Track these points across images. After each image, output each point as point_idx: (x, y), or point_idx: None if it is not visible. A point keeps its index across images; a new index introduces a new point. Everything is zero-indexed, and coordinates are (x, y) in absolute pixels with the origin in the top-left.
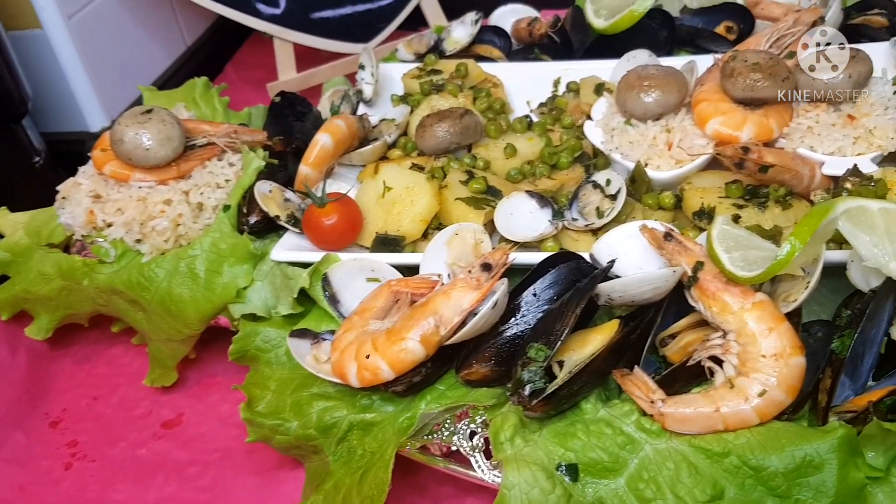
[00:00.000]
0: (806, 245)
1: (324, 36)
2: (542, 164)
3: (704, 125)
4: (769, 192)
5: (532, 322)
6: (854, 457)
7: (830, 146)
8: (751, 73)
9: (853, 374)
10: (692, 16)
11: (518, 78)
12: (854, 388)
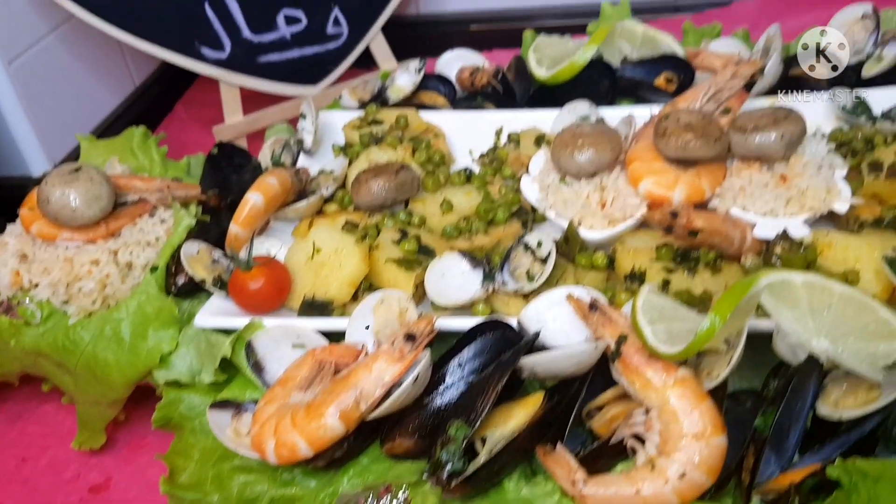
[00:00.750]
0: (726, 321)
1: (271, 79)
2: (478, 221)
3: (637, 185)
4: (699, 255)
5: (455, 395)
6: None
7: (763, 207)
8: (683, 134)
9: (778, 450)
10: (633, 66)
11: (460, 127)
12: (780, 464)
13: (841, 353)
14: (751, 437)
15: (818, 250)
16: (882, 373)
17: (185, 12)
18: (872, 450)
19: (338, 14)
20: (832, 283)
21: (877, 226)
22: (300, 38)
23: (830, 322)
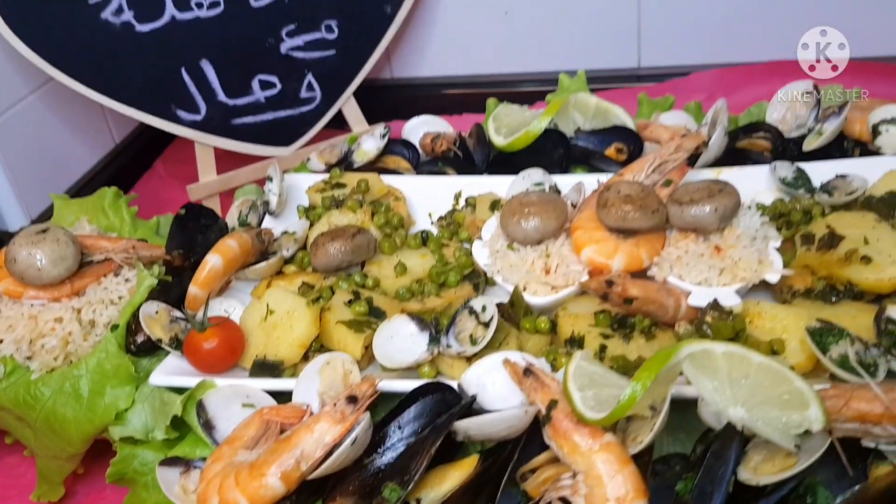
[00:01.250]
0: (648, 389)
1: (245, 140)
2: (430, 283)
3: (580, 252)
4: (635, 322)
5: (393, 456)
6: None
7: (697, 276)
8: (623, 205)
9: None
10: (586, 136)
11: (421, 190)
12: None
13: (756, 421)
14: (673, 501)
15: (748, 319)
16: (793, 441)
17: (163, 78)
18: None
19: (311, 80)
20: (751, 354)
21: (807, 296)
22: (274, 101)
23: (747, 391)
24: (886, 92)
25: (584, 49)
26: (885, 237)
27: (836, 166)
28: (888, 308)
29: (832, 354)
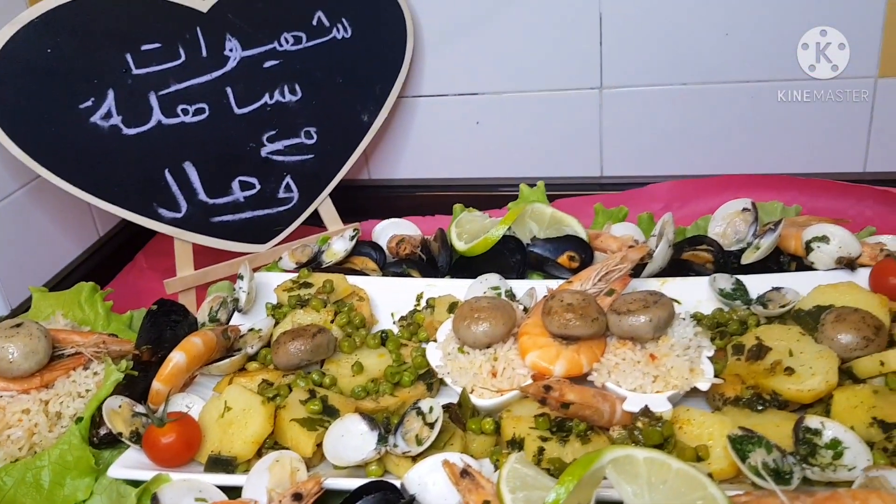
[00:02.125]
0: (571, 493)
1: (223, 238)
2: (385, 382)
3: (525, 357)
4: (572, 426)
5: None
6: None
7: (633, 383)
8: (565, 313)
9: None
10: (542, 244)
11: (385, 291)
12: None
13: None
14: None
15: (678, 425)
16: None
17: (147, 178)
18: None
19: (290, 181)
20: (670, 460)
21: (735, 404)
22: (253, 201)
23: (664, 496)
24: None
25: (550, 158)
26: (808, 350)
27: (771, 279)
28: (807, 418)
29: (751, 461)
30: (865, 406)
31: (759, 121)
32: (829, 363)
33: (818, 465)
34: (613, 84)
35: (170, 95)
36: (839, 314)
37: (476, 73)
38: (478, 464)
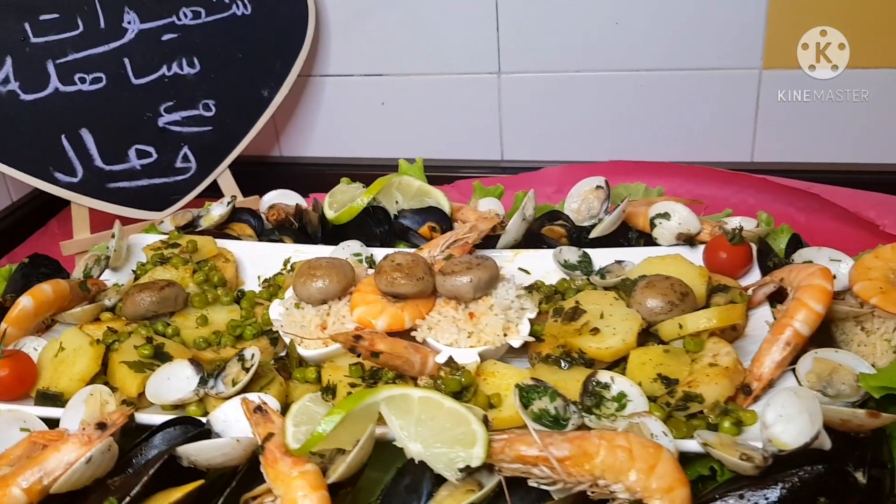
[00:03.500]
0: (341, 423)
1: (119, 204)
2: (227, 335)
3: (353, 312)
4: (382, 374)
5: (124, 477)
6: None
7: (449, 338)
8: (392, 272)
9: None
10: (411, 214)
11: (253, 255)
12: None
13: (428, 455)
14: None
15: (483, 377)
16: (455, 474)
17: (44, 142)
18: None
19: (187, 152)
20: (444, 400)
21: (545, 361)
22: (150, 169)
23: (429, 429)
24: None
25: (453, 141)
26: (617, 313)
27: (616, 253)
28: (599, 373)
29: (533, 408)
30: (653, 363)
31: (651, 109)
32: (630, 325)
33: (602, 415)
34: (511, 69)
35: (67, 64)
36: (650, 281)
37: (381, 54)
38: (277, 404)
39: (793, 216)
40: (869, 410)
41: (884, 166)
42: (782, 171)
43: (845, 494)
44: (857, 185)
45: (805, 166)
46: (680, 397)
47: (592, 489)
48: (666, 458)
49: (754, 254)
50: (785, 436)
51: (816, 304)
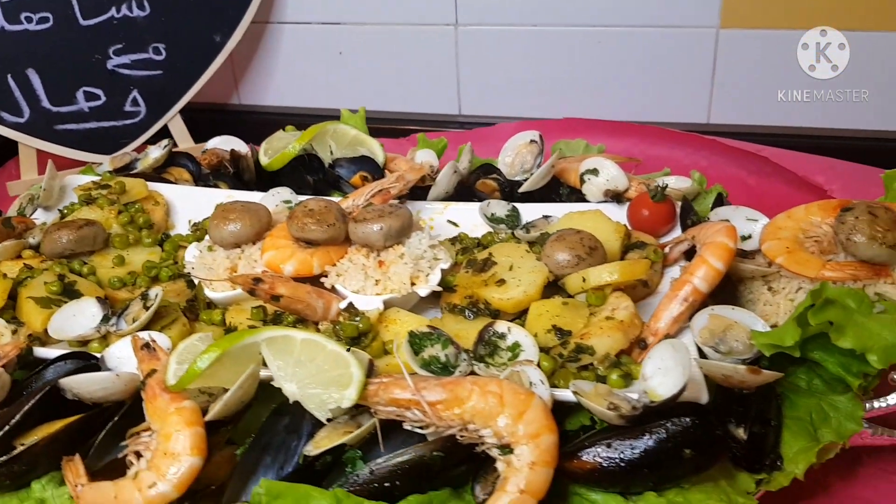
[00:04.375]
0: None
1: (67, 146)
2: (142, 276)
3: (263, 256)
4: (283, 318)
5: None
6: None
7: (356, 285)
8: (304, 217)
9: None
10: (347, 163)
11: (185, 200)
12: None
13: (302, 395)
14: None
15: (385, 324)
16: (326, 414)
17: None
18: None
19: (136, 96)
20: (327, 342)
21: (452, 311)
22: (98, 112)
23: (307, 370)
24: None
25: (411, 93)
26: (526, 266)
27: (544, 208)
28: (497, 323)
29: (424, 355)
30: (550, 315)
31: (609, 67)
32: (534, 277)
33: (493, 364)
34: (468, 22)
35: (13, 3)
36: (560, 235)
37: (338, 1)
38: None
39: (744, 179)
40: (749, 367)
41: (836, 131)
42: (737, 134)
43: (712, 448)
44: (811, 149)
45: (760, 129)
46: (572, 349)
47: (462, 433)
48: (535, 406)
49: (678, 212)
50: (661, 388)
51: (716, 262)
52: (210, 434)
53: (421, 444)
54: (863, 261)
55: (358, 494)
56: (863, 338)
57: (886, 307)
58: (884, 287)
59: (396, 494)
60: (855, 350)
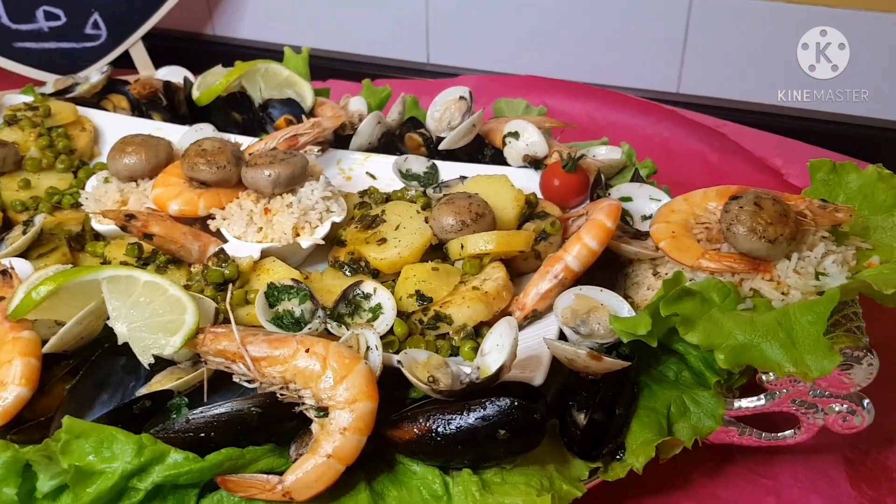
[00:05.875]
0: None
1: (25, 63)
2: (44, 202)
3: (152, 192)
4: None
5: None
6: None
7: (237, 231)
8: (196, 157)
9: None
10: (280, 104)
11: (115, 128)
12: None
13: (130, 337)
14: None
15: (258, 273)
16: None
17: None
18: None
19: (97, 18)
20: (170, 287)
21: (334, 266)
22: (57, 32)
23: (142, 311)
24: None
25: (379, 39)
26: (411, 227)
27: (462, 168)
28: (363, 283)
29: (278, 309)
30: (416, 279)
31: (581, 26)
32: (414, 239)
33: (350, 324)
34: None
35: None
36: (450, 198)
37: None
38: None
39: (706, 155)
40: (591, 352)
41: (806, 112)
42: (705, 107)
43: (528, 430)
44: (779, 129)
45: (730, 103)
46: (431, 316)
47: (282, 391)
48: (359, 371)
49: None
50: (494, 365)
51: (591, 241)
52: (51, 367)
53: (241, 399)
54: (742, 253)
55: (170, 442)
56: (712, 334)
57: (756, 304)
58: (760, 283)
59: (212, 446)
60: (701, 346)
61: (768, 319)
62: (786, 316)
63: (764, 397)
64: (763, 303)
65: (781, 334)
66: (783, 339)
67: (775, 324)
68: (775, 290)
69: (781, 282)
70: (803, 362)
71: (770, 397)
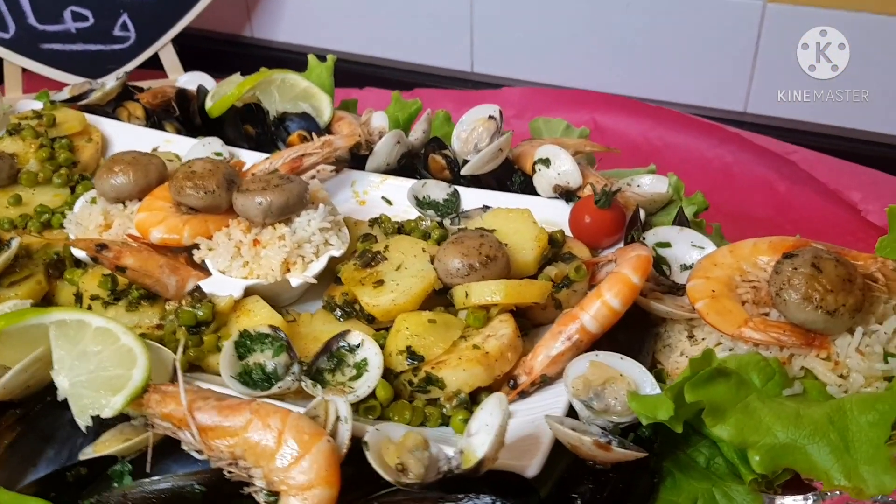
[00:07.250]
0: None
1: (52, 66)
2: (34, 220)
3: (137, 216)
4: (131, 291)
5: None
6: None
7: (222, 264)
8: (184, 180)
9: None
10: (298, 118)
11: (125, 138)
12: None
13: (71, 393)
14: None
15: (239, 314)
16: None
17: None
18: None
19: (126, 20)
20: (122, 333)
21: (326, 307)
22: (85, 34)
23: (89, 365)
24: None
25: (420, 46)
26: (413, 268)
27: (485, 196)
28: (351, 333)
29: (248, 361)
30: (409, 333)
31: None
32: (414, 283)
33: (330, 382)
34: None
35: None
36: (459, 237)
37: None
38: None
39: (772, 184)
40: (597, 441)
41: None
42: (776, 129)
43: None
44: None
45: (805, 126)
46: (422, 378)
47: (230, 468)
48: (318, 451)
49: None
50: (479, 450)
51: (613, 299)
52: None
53: (185, 475)
54: (795, 324)
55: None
56: (746, 429)
57: (806, 388)
58: (814, 362)
59: None
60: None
61: (818, 415)
62: (840, 412)
63: (812, 497)
64: (815, 386)
65: (833, 435)
66: (835, 441)
67: (826, 421)
68: (832, 373)
69: (840, 362)
70: (858, 474)
71: (819, 498)
